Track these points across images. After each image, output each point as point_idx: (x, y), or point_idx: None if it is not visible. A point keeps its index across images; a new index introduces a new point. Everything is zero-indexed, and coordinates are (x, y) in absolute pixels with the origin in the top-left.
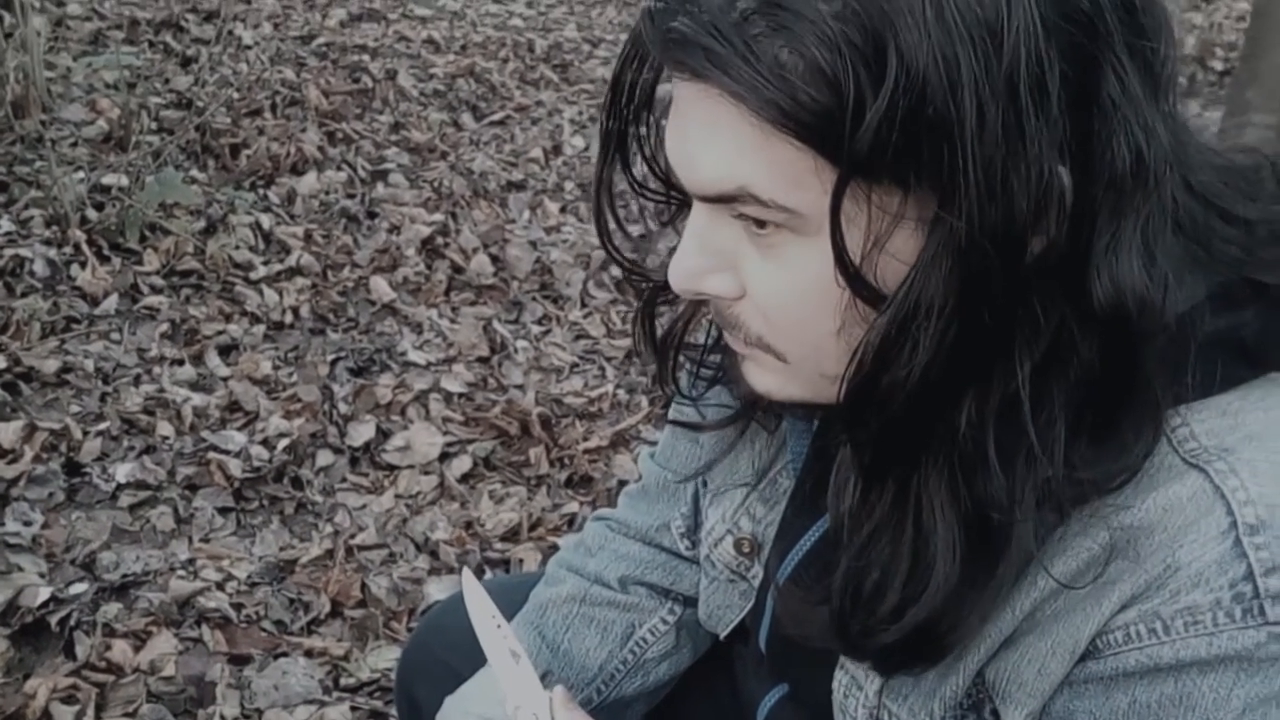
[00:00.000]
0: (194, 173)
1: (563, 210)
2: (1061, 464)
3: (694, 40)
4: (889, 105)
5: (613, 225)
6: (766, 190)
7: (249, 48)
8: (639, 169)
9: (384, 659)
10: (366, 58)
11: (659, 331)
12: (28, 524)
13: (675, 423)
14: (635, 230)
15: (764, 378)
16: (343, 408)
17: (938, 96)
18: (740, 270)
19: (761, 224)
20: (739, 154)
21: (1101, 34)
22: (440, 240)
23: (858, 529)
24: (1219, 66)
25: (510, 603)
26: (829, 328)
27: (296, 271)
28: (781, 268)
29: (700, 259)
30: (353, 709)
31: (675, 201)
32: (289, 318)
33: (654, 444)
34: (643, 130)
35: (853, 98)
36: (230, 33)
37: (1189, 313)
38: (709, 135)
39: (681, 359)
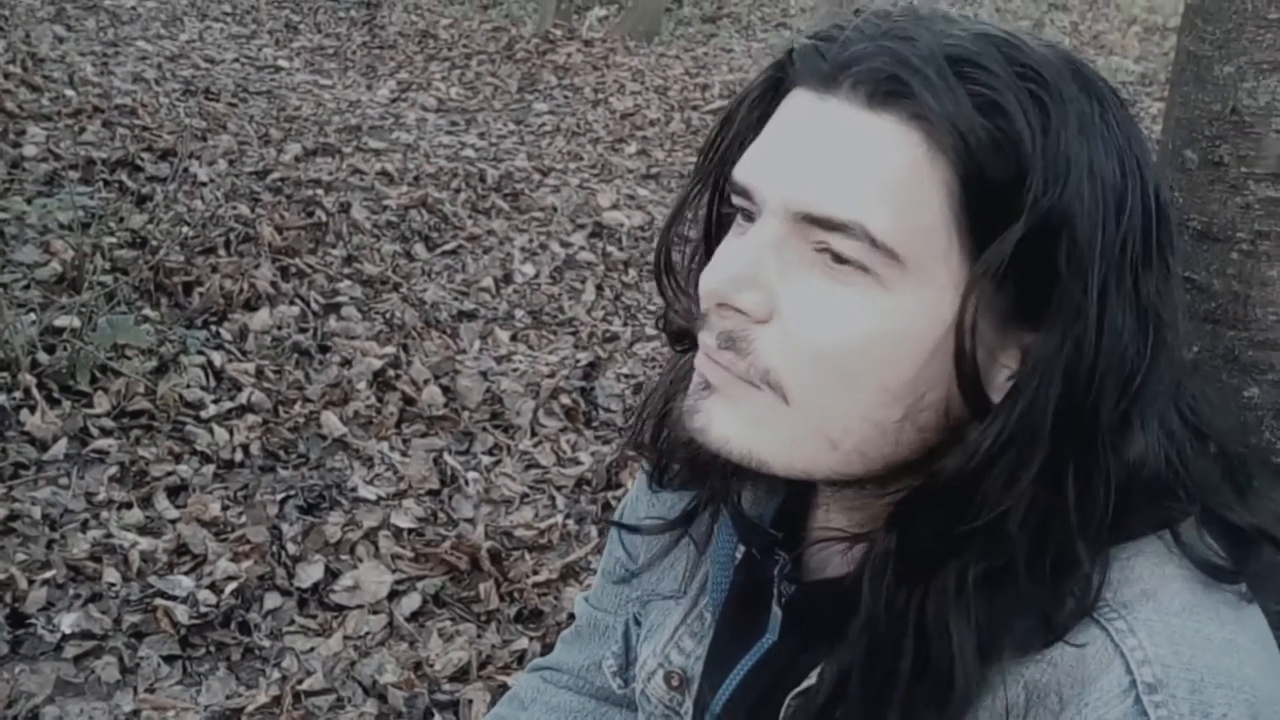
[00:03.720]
0: (146, 311)
1: (513, 339)
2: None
3: (905, 63)
4: (1051, 205)
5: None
6: (884, 230)
7: (204, 185)
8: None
9: None
10: (321, 191)
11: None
12: None
13: (616, 525)
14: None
15: (731, 420)
16: (291, 548)
17: (1085, 226)
18: (781, 293)
19: (842, 260)
20: (875, 181)
21: (1164, 237)
22: (392, 372)
23: (875, 626)
24: None
25: None
26: (867, 384)
27: (247, 409)
28: (846, 308)
29: (751, 269)
30: None
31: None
32: (239, 456)
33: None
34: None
35: (1030, 184)
36: (186, 170)
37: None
38: (850, 155)
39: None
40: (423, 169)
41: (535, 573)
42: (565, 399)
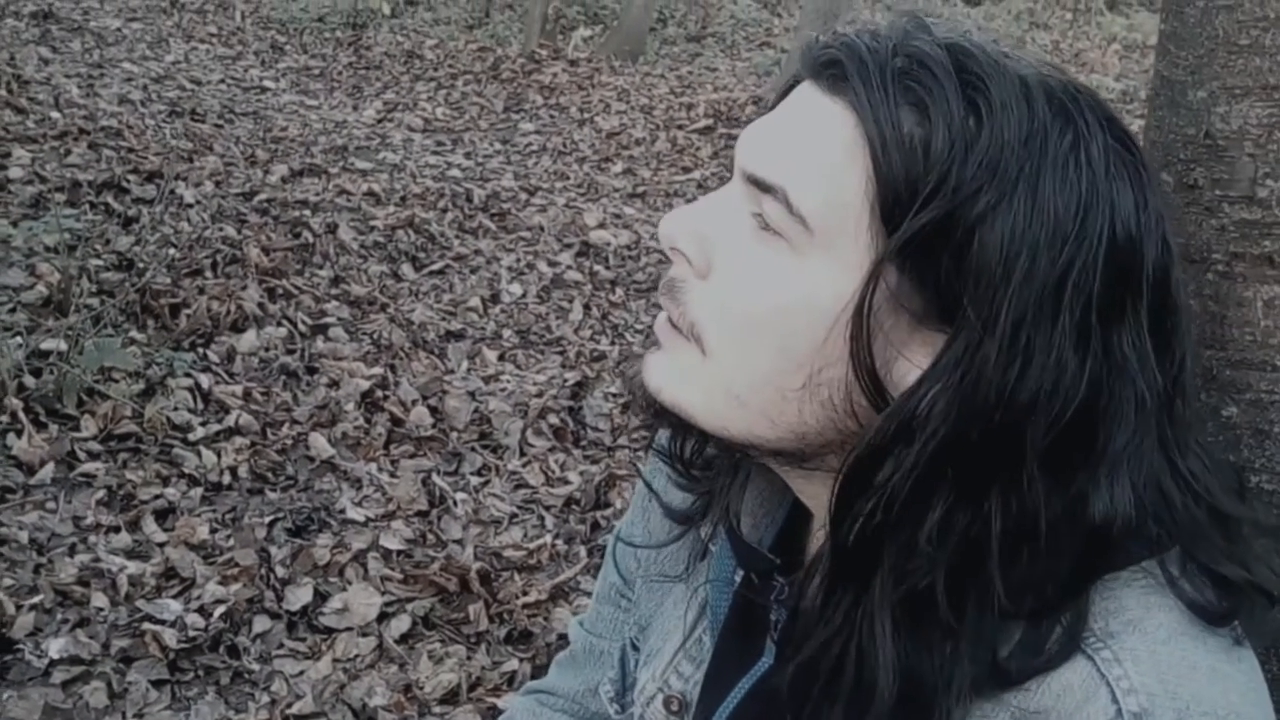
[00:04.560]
0: (133, 333)
1: (501, 358)
2: (991, 639)
3: (854, 54)
4: (953, 208)
5: None
6: (803, 199)
7: (190, 206)
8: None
9: None
10: (308, 212)
11: None
12: None
13: (615, 551)
14: None
15: (664, 371)
16: (280, 571)
17: (1000, 242)
18: (720, 251)
19: (768, 226)
20: (809, 154)
21: (1135, 291)
22: (379, 393)
23: (813, 632)
24: None
25: None
26: (768, 346)
27: (235, 431)
28: (763, 272)
29: (700, 221)
30: None
31: None
32: (227, 478)
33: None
34: None
35: (932, 183)
36: (172, 192)
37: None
38: (798, 129)
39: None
40: (409, 189)
41: (525, 593)
42: (553, 419)
